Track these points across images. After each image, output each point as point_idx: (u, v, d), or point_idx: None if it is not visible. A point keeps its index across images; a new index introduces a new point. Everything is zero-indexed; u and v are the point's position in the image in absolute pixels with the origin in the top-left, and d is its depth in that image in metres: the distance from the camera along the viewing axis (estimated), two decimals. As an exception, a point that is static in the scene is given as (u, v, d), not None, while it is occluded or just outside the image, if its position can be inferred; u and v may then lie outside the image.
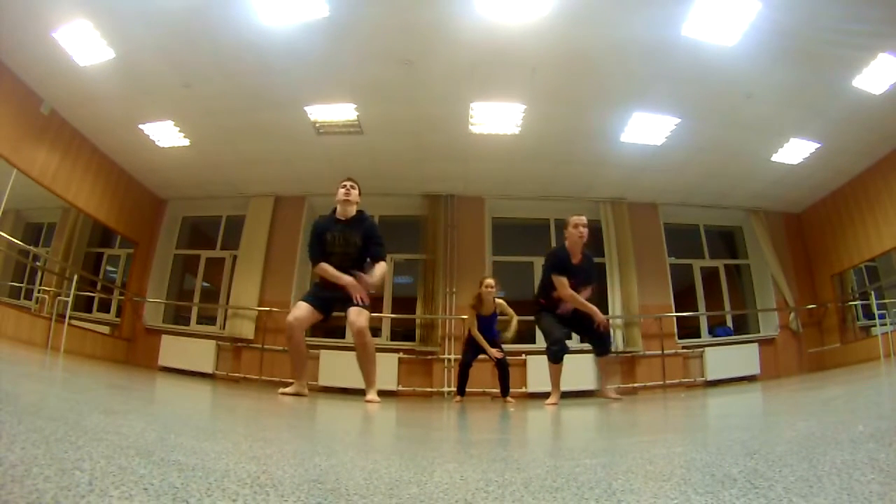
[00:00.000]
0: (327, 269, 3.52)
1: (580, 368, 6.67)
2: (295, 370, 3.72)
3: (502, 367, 5.08)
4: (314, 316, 3.58)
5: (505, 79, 5.45)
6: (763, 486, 0.68)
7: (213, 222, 8.48)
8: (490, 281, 5.07)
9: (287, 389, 3.65)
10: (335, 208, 3.72)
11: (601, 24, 4.60)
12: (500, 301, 5.17)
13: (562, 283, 3.90)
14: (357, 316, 3.42)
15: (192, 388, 4.21)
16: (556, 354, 3.95)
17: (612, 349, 4.24)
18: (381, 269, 3.60)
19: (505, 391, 5.12)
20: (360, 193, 3.75)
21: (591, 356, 6.84)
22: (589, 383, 6.61)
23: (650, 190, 7.65)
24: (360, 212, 3.73)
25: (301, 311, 3.56)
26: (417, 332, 7.18)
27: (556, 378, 4.06)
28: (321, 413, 2.74)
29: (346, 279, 3.46)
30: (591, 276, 4.14)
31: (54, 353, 5.19)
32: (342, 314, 3.57)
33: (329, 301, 3.62)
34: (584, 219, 4.01)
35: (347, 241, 3.59)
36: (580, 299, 3.94)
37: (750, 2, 4.30)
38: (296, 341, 3.57)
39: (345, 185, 3.69)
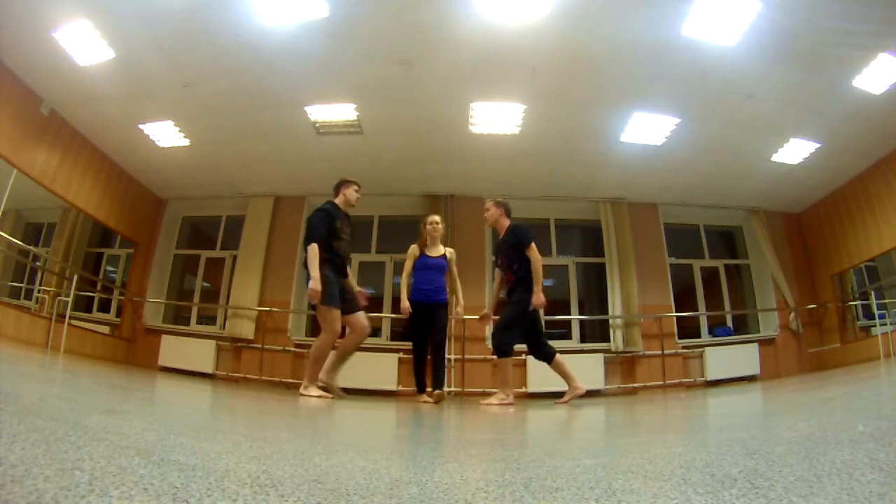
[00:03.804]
0: (314, 255, 3.78)
1: (581, 368, 6.68)
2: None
3: (437, 350, 4.33)
4: None
5: (505, 79, 5.44)
6: (763, 486, 0.68)
7: (213, 222, 8.48)
8: (436, 217, 4.54)
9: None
10: (332, 203, 4.15)
11: (601, 24, 4.59)
12: (451, 251, 4.58)
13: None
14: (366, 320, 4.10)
15: (191, 388, 4.20)
16: (495, 348, 4.02)
17: (551, 356, 3.98)
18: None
19: (438, 383, 4.25)
20: None
21: (590, 356, 6.96)
22: (589, 383, 6.63)
23: (650, 190, 7.65)
24: None
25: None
26: (417, 332, 7.17)
27: (502, 374, 4.01)
28: (321, 413, 2.74)
29: (315, 277, 3.72)
30: (509, 246, 4.23)
31: (54, 353, 5.19)
32: None
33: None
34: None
35: (351, 232, 4.17)
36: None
37: (750, 2, 4.30)
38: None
39: (359, 191, 4.26)
